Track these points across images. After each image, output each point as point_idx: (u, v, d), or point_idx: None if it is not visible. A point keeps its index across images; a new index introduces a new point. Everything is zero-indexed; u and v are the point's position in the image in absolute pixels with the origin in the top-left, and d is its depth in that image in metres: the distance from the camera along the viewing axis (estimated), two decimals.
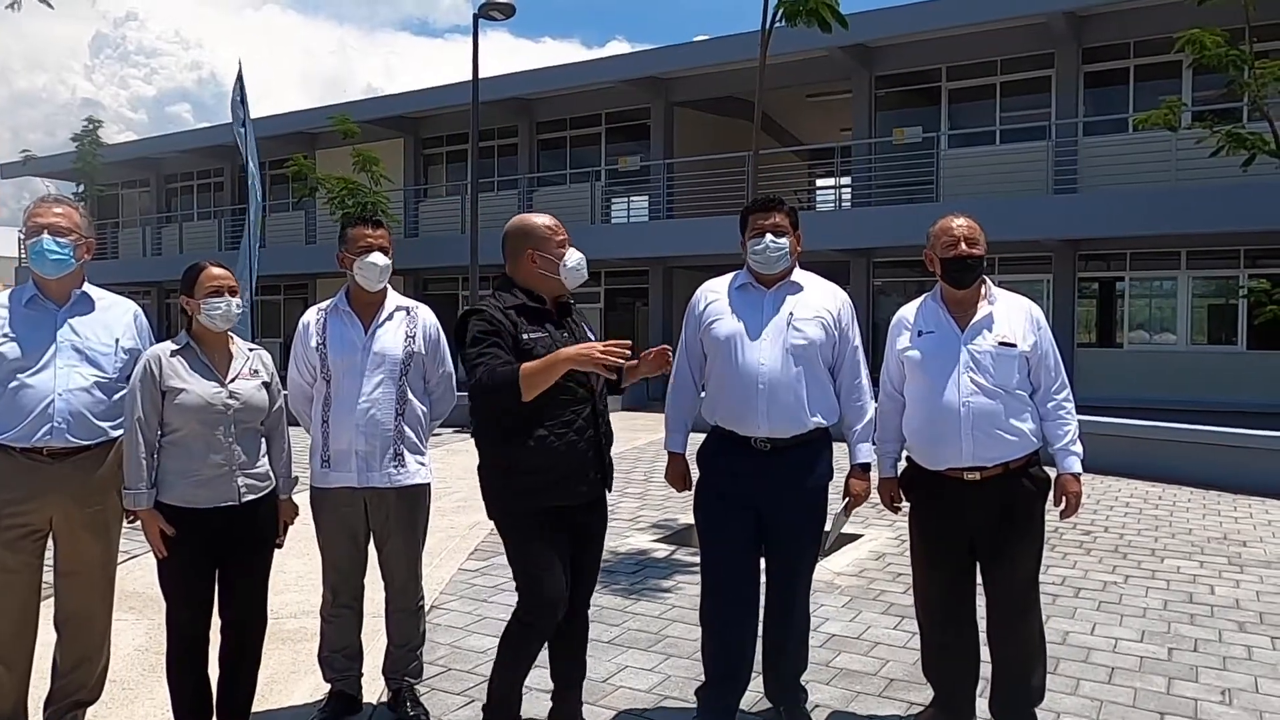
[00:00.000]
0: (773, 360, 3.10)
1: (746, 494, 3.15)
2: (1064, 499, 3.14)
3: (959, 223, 3.12)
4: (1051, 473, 3.17)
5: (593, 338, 3.12)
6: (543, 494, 2.96)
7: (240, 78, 10.59)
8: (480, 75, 14.51)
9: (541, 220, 3.12)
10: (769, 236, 3.14)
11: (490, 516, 3.08)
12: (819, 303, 3.20)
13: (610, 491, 3.19)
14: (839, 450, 3.21)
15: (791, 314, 3.15)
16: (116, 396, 3.07)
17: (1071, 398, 3.16)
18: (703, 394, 3.34)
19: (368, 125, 19.43)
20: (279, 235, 23.75)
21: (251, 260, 10.25)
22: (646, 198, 19.18)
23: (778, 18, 6.37)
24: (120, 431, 3.04)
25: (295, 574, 5.36)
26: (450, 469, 8.40)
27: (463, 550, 5.92)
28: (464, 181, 18.59)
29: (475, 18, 13.88)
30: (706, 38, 17.73)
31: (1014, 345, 3.04)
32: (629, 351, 2.85)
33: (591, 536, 3.15)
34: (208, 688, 3.14)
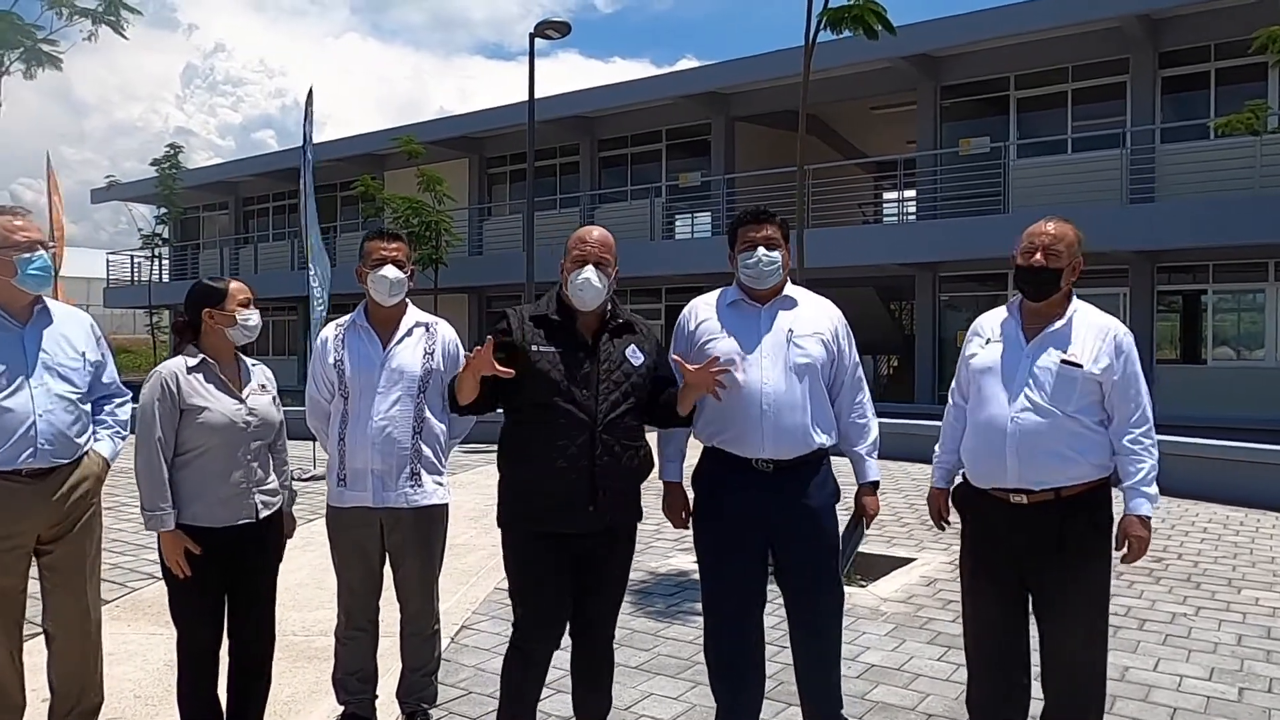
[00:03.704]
0: (776, 379, 2.95)
1: (753, 517, 2.98)
2: (1126, 542, 2.88)
3: (1045, 228, 2.87)
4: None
5: (635, 361, 2.94)
6: (533, 518, 2.91)
7: (310, 103, 10.75)
8: (546, 94, 14.63)
9: (580, 233, 2.98)
10: (761, 249, 2.98)
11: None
12: (817, 320, 3.06)
13: (639, 519, 3.05)
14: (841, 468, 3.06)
15: (790, 330, 3.00)
16: (86, 410, 3.03)
17: (1152, 433, 2.86)
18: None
19: (433, 146, 19.76)
20: (349, 254, 24.28)
21: (312, 283, 10.40)
22: (709, 213, 19.09)
23: (821, 25, 6.22)
24: (86, 442, 2.99)
25: (332, 591, 5.33)
26: (492, 486, 8.33)
27: (500, 570, 5.82)
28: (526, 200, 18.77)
29: (531, 37, 14.09)
30: (767, 52, 17.61)
31: (1079, 365, 2.80)
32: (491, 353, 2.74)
33: (596, 564, 2.97)
34: (218, 708, 3.10)
